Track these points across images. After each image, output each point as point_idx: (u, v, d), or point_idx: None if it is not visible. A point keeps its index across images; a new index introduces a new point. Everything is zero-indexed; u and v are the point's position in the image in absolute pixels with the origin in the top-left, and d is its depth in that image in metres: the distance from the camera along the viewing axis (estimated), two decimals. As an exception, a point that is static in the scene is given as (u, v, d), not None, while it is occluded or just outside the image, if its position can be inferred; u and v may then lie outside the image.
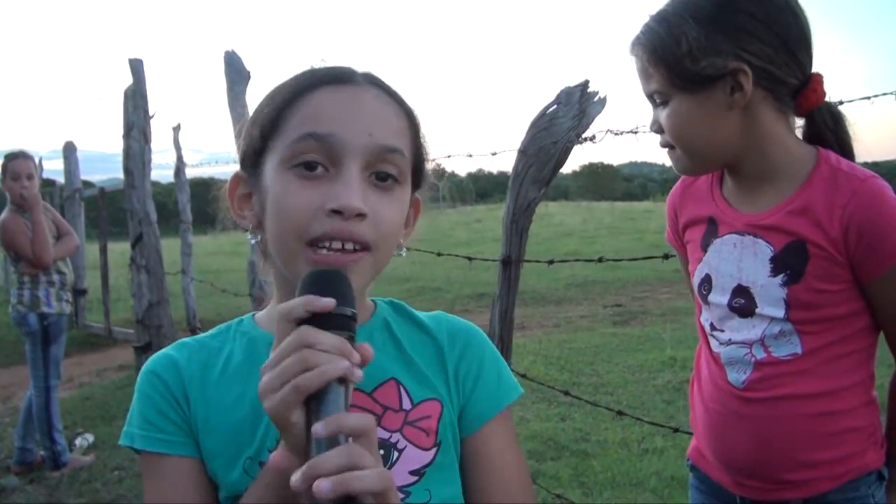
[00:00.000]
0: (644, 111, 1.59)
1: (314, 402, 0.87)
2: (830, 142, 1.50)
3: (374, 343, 1.10)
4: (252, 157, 1.10)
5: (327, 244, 0.99)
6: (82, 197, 10.09)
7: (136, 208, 6.63)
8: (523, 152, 2.31)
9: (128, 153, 6.82)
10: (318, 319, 0.90)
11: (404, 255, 1.15)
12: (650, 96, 1.53)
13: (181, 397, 1.10)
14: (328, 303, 0.90)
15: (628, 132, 2.27)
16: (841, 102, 1.92)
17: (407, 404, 1.11)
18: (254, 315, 1.20)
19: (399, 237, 1.10)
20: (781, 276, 1.46)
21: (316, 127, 1.01)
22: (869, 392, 1.52)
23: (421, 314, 1.22)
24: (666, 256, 1.89)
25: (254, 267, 4.36)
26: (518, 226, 2.37)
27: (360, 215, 0.99)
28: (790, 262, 1.45)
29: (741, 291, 1.52)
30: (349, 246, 1.00)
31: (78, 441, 5.63)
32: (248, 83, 4.37)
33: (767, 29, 1.41)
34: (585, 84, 2.23)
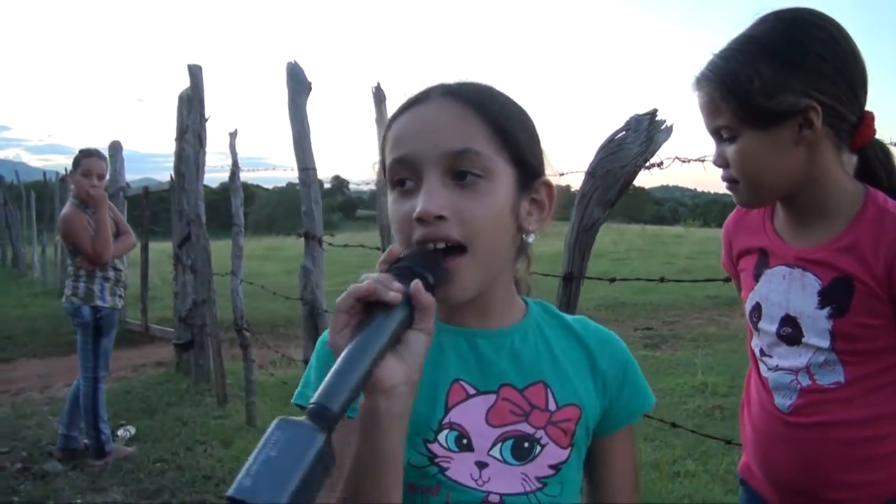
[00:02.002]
0: (707, 141, 1.66)
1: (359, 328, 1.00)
2: (881, 176, 1.59)
3: (527, 344, 1.24)
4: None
5: (428, 248, 1.12)
6: (126, 196, 10.29)
7: (186, 209, 6.80)
8: (591, 174, 2.41)
9: (180, 156, 7.01)
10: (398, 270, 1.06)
11: (530, 240, 1.25)
12: (716, 131, 1.58)
13: None
14: (392, 250, 1.11)
15: (696, 160, 2.37)
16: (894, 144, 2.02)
17: (552, 406, 1.22)
18: None
19: (502, 228, 1.16)
20: (828, 308, 1.54)
21: (397, 152, 1.15)
22: None
23: (568, 318, 1.33)
24: (728, 280, 1.98)
25: (307, 272, 4.47)
26: (581, 244, 2.48)
27: (440, 217, 1.10)
28: (836, 296, 1.53)
29: (789, 321, 1.60)
30: (440, 245, 1.11)
31: (120, 432, 5.78)
32: (309, 94, 4.48)
33: (835, 70, 1.49)
34: (654, 112, 2.33)
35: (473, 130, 1.14)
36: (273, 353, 7.68)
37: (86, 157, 5.32)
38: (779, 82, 1.48)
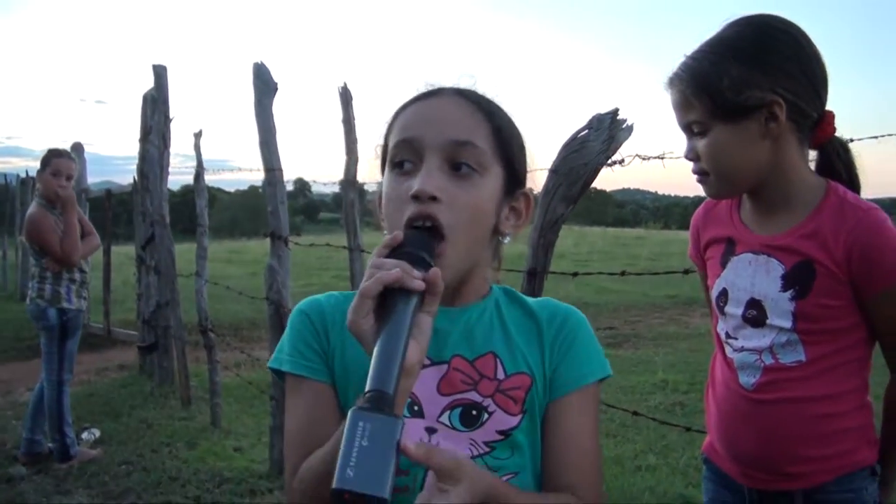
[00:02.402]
0: (666, 140, 1.75)
1: (384, 312, 1.06)
2: (840, 170, 1.70)
3: (482, 320, 1.32)
4: (381, 168, 1.32)
5: (417, 224, 1.19)
6: (88, 197, 10.18)
7: (150, 210, 6.78)
8: (554, 171, 2.48)
9: (144, 157, 6.99)
10: (403, 257, 1.11)
11: (507, 242, 1.35)
12: (687, 126, 1.68)
13: (323, 335, 1.31)
14: (396, 235, 1.13)
15: (655, 157, 2.45)
16: (851, 140, 2.11)
17: (501, 375, 1.29)
18: None
19: (485, 222, 1.26)
20: (791, 291, 1.64)
21: (404, 134, 1.24)
22: (863, 397, 1.71)
23: (530, 300, 1.40)
24: (686, 272, 2.07)
25: (273, 272, 4.49)
26: (545, 240, 2.54)
27: (433, 198, 1.19)
28: (799, 279, 1.63)
29: (754, 304, 1.70)
30: (428, 223, 1.19)
31: (85, 435, 5.72)
32: (275, 95, 4.50)
33: (798, 70, 1.61)
34: (615, 112, 2.40)
35: (477, 127, 1.25)
36: (237, 355, 7.66)
37: (56, 156, 5.27)
38: (746, 79, 1.59)
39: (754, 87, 1.58)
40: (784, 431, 1.67)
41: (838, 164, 1.71)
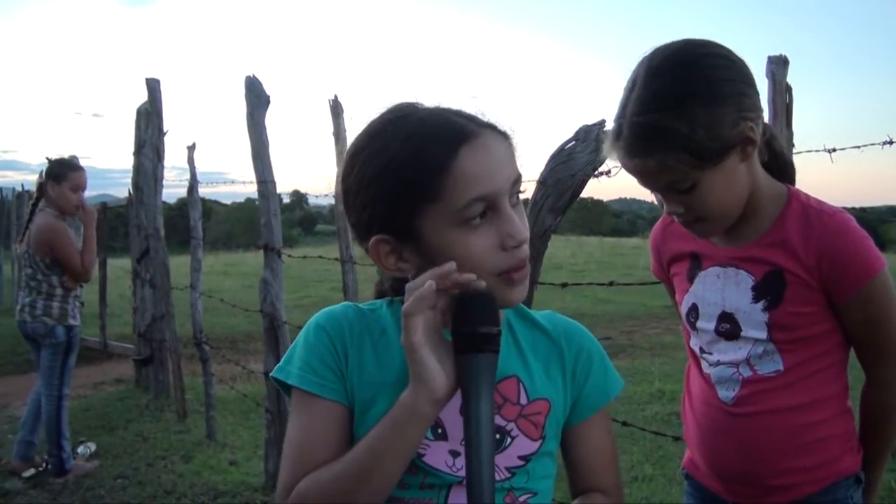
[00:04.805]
0: None
1: (460, 369, 1.14)
2: (783, 159, 1.69)
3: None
4: (402, 222, 1.22)
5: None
6: (83, 211, 10.15)
7: (144, 224, 6.79)
8: (542, 183, 2.49)
9: (138, 170, 7.00)
10: (470, 339, 1.14)
11: None
12: (668, 187, 1.56)
13: (342, 352, 1.29)
14: (450, 267, 1.16)
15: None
16: (833, 150, 2.11)
17: (524, 400, 1.31)
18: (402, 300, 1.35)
19: None
20: (762, 301, 1.63)
21: (477, 191, 1.18)
22: (844, 402, 1.69)
23: (537, 315, 1.42)
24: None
25: (267, 285, 4.50)
26: (534, 250, 2.54)
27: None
28: (770, 289, 1.62)
29: (726, 317, 1.68)
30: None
31: (80, 449, 5.71)
32: (267, 107, 4.52)
33: (744, 84, 1.54)
34: (602, 123, 2.41)
35: (515, 160, 1.27)
36: (233, 368, 7.64)
37: (75, 170, 5.17)
38: (716, 121, 1.48)
39: (726, 124, 1.49)
40: (767, 444, 1.65)
41: (777, 145, 1.69)
